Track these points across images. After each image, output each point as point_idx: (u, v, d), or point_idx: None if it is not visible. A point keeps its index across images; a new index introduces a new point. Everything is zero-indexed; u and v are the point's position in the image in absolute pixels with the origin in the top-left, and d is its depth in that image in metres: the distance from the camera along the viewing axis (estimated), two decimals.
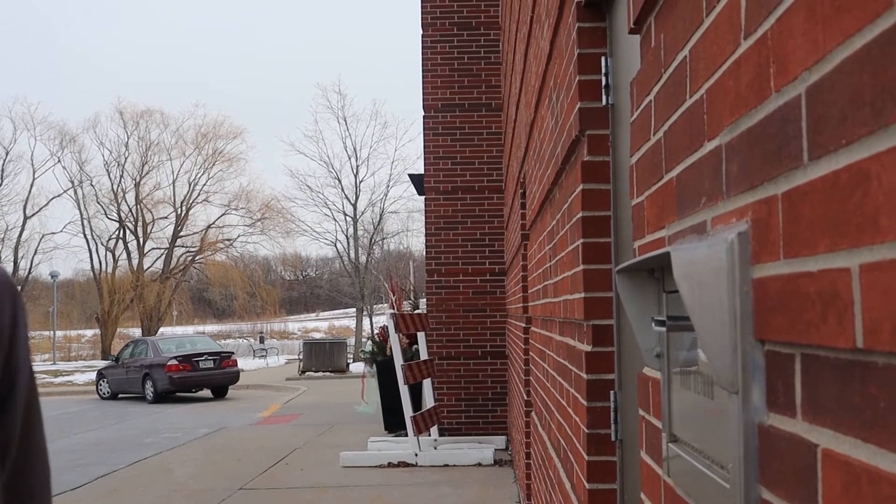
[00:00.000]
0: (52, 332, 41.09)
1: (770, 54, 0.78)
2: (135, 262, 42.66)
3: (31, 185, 44.43)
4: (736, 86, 0.89)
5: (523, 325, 6.07)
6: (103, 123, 58.95)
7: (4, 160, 42.98)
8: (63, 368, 32.61)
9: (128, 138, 43.09)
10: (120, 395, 20.70)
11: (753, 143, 0.83)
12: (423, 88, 10.04)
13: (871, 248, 0.57)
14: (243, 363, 28.09)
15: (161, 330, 42.18)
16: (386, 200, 46.85)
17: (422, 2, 10.11)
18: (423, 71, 10.05)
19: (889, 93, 0.55)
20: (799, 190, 0.71)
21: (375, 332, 14.06)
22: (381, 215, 39.35)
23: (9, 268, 39.56)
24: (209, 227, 43.48)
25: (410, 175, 13.06)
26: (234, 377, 20.22)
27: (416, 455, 8.54)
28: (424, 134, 10.04)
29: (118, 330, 42.74)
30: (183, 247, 43.84)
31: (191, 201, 43.49)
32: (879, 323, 0.55)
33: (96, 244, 42.72)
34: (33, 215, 43.05)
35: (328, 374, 25.00)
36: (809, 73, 0.69)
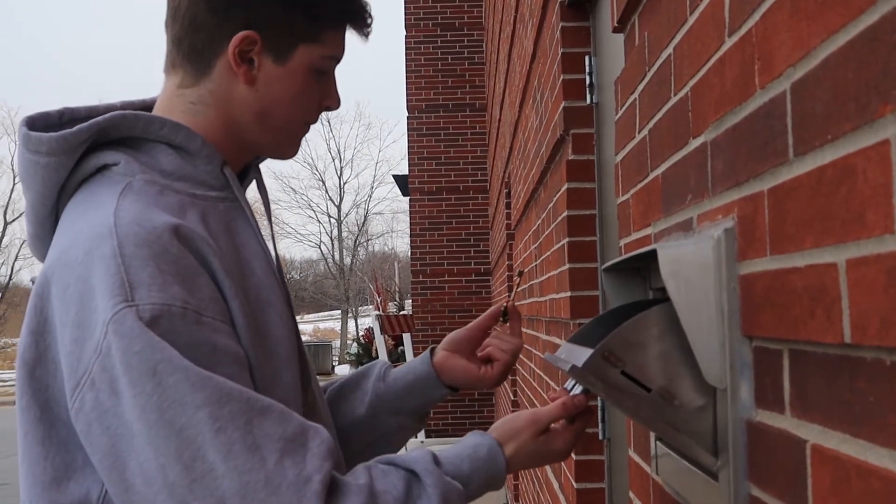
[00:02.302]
0: None
1: (754, 51, 0.78)
2: None
3: (12, 191, 44.05)
4: (721, 83, 0.89)
5: None
6: None
7: None
8: None
9: None
10: None
11: (739, 140, 0.83)
12: (407, 89, 10.03)
13: (857, 243, 0.57)
14: None
15: None
16: (370, 202, 46.89)
17: (405, 3, 10.11)
18: (406, 72, 10.05)
19: (874, 88, 0.55)
20: (785, 186, 0.71)
21: (361, 334, 14.04)
22: (365, 217, 39.32)
23: None
24: None
25: (395, 176, 13.06)
26: None
27: None
28: (409, 135, 10.04)
29: None
30: None
31: None
32: (867, 317, 0.56)
33: None
34: (13, 221, 42.73)
35: None
36: (794, 70, 0.69)
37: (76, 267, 0.87)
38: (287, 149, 1.09)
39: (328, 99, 1.08)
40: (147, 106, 1.07)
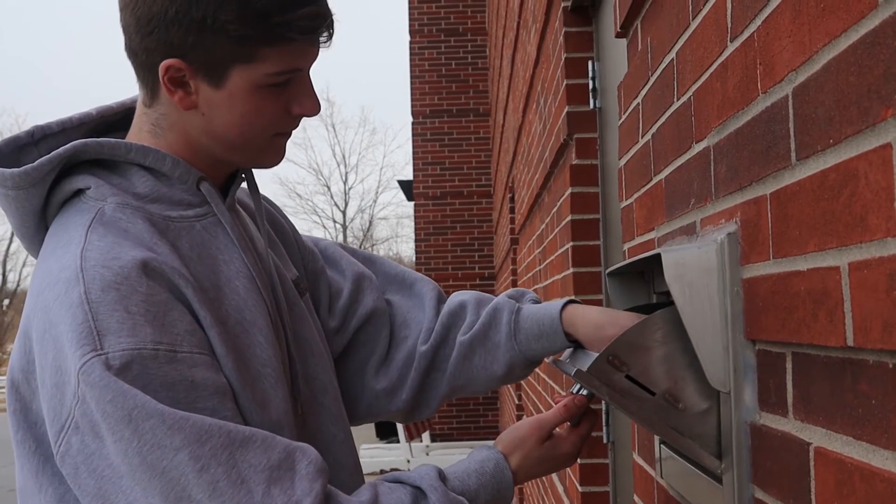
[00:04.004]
0: None
1: (756, 56, 0.79)
2: None
3: None
4: (723, 88, 0.89)
5: None
6: None
7: None
8: None
9: None
10: None
11: (741, 145, 0.84)
12: (412, 94, 10.04)
13: (860, 247, 0.58)
14: None
15: None
16: (375, 207, 46.82)
17: (409, 8, 10.13)
18: (410, 77, 10.06)
19: (875, 92, 0.55)
20: (787, 190, 0.72)
21: None
22: (370, 222, 39.29)
23: None
24: None
25: (399, 181, 13.07)
26: None
27: (409, 462, 8.52)
28: (413, 140, 10.05)
29: None
30: None
31: None
32: (870, 321, 0.56)
33: None
34: None
35: None
36: (796, 74, 0.69)
37: (49, 312, 0.87)
38: (264, 161, 1.02)
39: (298, 106, 0.97)
40: (127, 108, 1.04)
